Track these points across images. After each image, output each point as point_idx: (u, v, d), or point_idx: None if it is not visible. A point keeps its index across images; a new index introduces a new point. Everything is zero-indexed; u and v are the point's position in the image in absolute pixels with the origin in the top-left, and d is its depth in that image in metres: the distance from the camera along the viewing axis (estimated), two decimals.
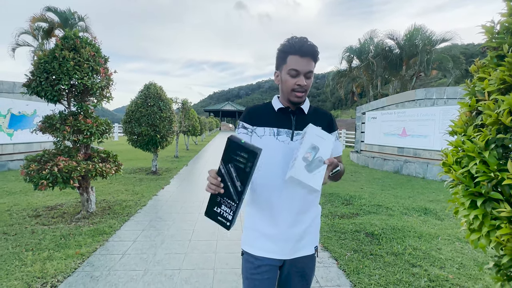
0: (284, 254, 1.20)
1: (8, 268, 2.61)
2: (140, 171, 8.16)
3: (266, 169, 1.19)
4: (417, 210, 4.76)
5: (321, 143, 1.05)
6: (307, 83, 1.15)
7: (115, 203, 4.81)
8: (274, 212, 1.18)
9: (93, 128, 3.95)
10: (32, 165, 3.56)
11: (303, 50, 1.11)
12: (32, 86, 3.72)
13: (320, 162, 1.02)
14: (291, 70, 1.13)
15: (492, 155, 0.98)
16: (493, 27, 1.14)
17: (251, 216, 1.26)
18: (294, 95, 1.16)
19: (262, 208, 1.21)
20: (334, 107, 62.08)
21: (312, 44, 1.14)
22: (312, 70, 1.15)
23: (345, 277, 2.65)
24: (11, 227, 3.59)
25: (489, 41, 1.15)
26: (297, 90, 1.15)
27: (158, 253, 3.06)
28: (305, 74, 1.14)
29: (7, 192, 5.40)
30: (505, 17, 1.09)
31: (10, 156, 7.95)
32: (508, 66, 0.97)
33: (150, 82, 7.82)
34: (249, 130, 1.23)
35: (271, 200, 1.18)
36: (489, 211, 0.99)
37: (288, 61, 1.14)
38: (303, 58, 1.12)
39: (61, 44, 3.82)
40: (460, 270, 2.75)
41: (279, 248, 1.19)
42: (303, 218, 1.21)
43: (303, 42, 1.13)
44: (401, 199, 5.50)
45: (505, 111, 0.94)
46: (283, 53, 1.15)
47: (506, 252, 0.95)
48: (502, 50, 1.07)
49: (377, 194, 5.96)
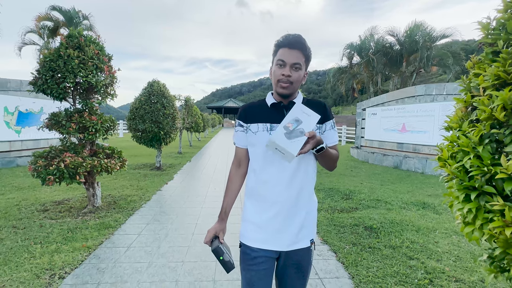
0: (280, 246, 1.20)
1: (18, 260, 2.66)
2: (145, 166, 8.21)
3: (259, 162, 1.22)
4: (415, 204, 4.76)
5: (304, 118, 1.06)
6: (292, 74, 1.15)
7: (120, 198, 4.85)
8: (271, 205, 1.20)
9: (98, 125, 3.97)
10: (40, 161, 3.59)
11: (291, 42, 1.14)
12: (38, 84, 3.74)
13: (301, 133, 1.04)
14: (278, 61, 1.16)
15: (486, 150, 0.98)
16: (489, 24, 1.13)
17: (248, 209, 1.27)
18: (280, 86, 1.17)
19: (259, 201, 1.23)
20: (335, 104, 61.79)
21: (302, 38, 1.16)
22: (299, 63, 1.15)
23: (343, 269, 2.67)
24: (20, 221, 3.65)
25: (485, 37, 1.14)
26: (282, 80, 1.16)
27: (162, 246, 3.09)
28: (291, 65, 1.14)
29: (16, 187, 5.47)
30: (501, 13, 1.08)
31: (19, 153, 8.02)
32: (503, 62, 0.97)
33: (154, 80, 7.81)
34: (244, 127, 1.26)
35: (268, 194, 1.20)
36: (483, 205, 1.00)
37: (278, 53, 1.17)
38: (291, 50, 1.14)
39: (66, 42, 3.83)
40: (457, 263, 2.76)
41: (275, 240, 1.20)
42: (299, 212, 1.21)
43: (293, 36, 1.16)
44: (400, 194, 5.50)
45: (498, 107, 0.93)
46: (276, 47, 1.19)
47: (498, 245, 0.96)
48: (497, 46, 1.06)
49: (376, 189, 5.96)
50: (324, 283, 2.44)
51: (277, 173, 1.18)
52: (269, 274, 1.23)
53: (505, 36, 1.01)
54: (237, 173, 1.33)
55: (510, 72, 0.94)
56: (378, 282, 2.41)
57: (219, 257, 1.21)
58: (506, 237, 0.91)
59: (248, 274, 1.22)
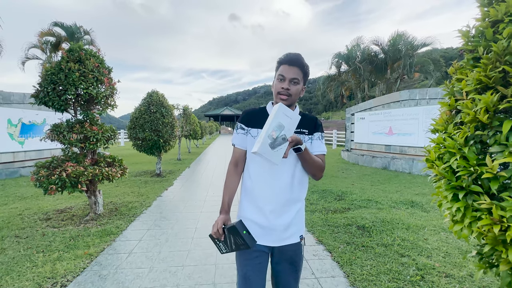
0: (271, 242, 1.26)
1: (20, 269, 2.56)
2: (145, 173, 8.10)
3: (257, 165, 1.28)
4: (404, 203, 4.77)
5: (287, 122, 1.09)
6: (290, 88, 1.23)
7: (122, 205, 4.76)
8: (263, 203, 1.26)
9: (99, 134, 3.91)
10: (42, 171, 3.51)
11: (291, 60, 1.24)
12: (40, 96, 3.68)
13: (283, 140, 1.08)
14: (279, 76, 1.25)
15: (471, 151, 0.97)
16: (468, 31, 1.14)
17: (244, 207, 1.32)
18: (279, 97, 1.25)
19: (253, 199, 1.28)
20: (325, 109, 62.28)
21: (301, 57, 1.26)
22: (297, 78, 1.24)
23: (339, 268, 2.64)
24: (22, 230, 3.54)
25: (465, 44, 1.15)
26: (282, 93, 1.24)
27: (162, 251, 3.02)
28: (290, 80, 1.23)
29: (19, 197, 5.33)
30: (479, 21, 1.09)
31: (22, 163, 7.86)
32: (484, 67, 0.97)
33: (153, 90, 7.78)
34: (245, 130, 1.32)
35: (261, 192, 1.26)
36: (470, 204, 0.99)
37: (279, 69, 1.26)
38: (290, 66, 1.23)
39: (67, 56, 3.79)
40: (446, 259, 2.75)
41: (267, 235, 1.25)
42: (289, 210, 1.27)
43: (293, 55, 1.26)
44: (389, 194, 5.51)
45: (482, 109, 0.93)
46: (278, 64, 1.28)
47: (487, 241, 0.94)
48: (477, 52, 1.07)
49: (367, 189, 5.96)
50: (320, 282, 2.40)
51: (271, 176, 1.25)
52: (263, 268, 1.28)
53: (485, 43, 1.01)
54: (235, 172, 1.35)
55: (491, 77, 0.94)
56: (372, 280, 2.38)
57: (243, 231, 1.15)
58: (494, 234, 0.89)
59: (244, 269, 1.27)
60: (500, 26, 0.96)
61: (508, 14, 0.94)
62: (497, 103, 0.91)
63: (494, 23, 1.02)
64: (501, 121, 0.91)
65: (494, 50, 0.92)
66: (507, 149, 0.86)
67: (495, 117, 0.92)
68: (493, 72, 0.94)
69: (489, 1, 1.08)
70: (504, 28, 0.95)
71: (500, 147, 0.89)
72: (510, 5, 0.94)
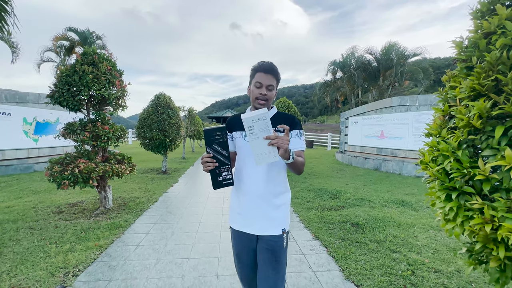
0: (254, 230, 1.32)
1: (34, 259, 2.55)
2: (152, 171, 8.09)
3: (239, 162, 1.36)
4: (395, 202, 4.77)
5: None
6: (267, 94, 1.29)
7: (130, 200, 4.74)
8: (249, 198, 1.32)
9: (109, 133, 3.90)
10: (55, 167, 3.50)
11: (266, 68, 1.29)
12: (55, 96, 3.67)
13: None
14: (256, 83, 1.29)
15: (464, 154, 0.97)
16: (461, 42, 1.14)
17: (233, 199, 1.43)
18: (257, 102, 1.30)
19: (240, 194, 1.36)
20: (321, 113, 62.29)
21: (274, 65, 1.31)
22: (272, 84, 1.30)
23: (334, 262, 2.63)
24: (36, 223, 3.52)
25: (458, 54, 1.15)
26: (259, 98, 1.30)
27: (168, 244, 3.01)
28: (266, 87, 1.29)
29: (33, 191, 5.31)
30: (473, 33, 1.09)
31: (36, 159, 7.83)
32: (477, 76, 0.97)
33: (160, 93, 7.76)
34: (230, 135, 1.41)
35: (246, 188, 1.33)
36: (463, 204, 0.98)
37: (255, 76, 1.30)
38: (266, 74, 1.28)
39: (81, 59, 3.79)
40: (435, 255, 2.74)
41: (250, 225, 1.33)
42: (270, 204, 1.31)
43: (268, 63, 1.30)
44: (381, 193, 5.51)
45: (475, 115, 0.93)
46: (253, 71, 1.32)
47: (478, 240, 0.94)
48: (471, 61, 1.07)
49: (360, 189, 5.96)
50: (317, 275, 2.39)
51: (254, 172, 1.31)
52: (251, 249, 1.35)
53: (478, 53, 1.01)
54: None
55: (484, 85, 0.94)
56: (366, 274, 2.38)
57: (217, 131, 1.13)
58: (486, 233, 0.89)
59: (237, 249, 1.40)
60: (493, 38, 0.96)
61: (501, 27, 0.95)
62: (489, 110, 0.91)
63: (486, 35, 1.02)
64: (493, 127, 0.91)
65: (488, 60, 0.92)
66: (499, 153, 0.86)
67: (487, 122, 0.93)
68: (486, 81, 0.94)
69: (482, 14, 1.08)
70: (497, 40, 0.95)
71: (493, 151, 0.89)
72: (503, 18, 0.94)
